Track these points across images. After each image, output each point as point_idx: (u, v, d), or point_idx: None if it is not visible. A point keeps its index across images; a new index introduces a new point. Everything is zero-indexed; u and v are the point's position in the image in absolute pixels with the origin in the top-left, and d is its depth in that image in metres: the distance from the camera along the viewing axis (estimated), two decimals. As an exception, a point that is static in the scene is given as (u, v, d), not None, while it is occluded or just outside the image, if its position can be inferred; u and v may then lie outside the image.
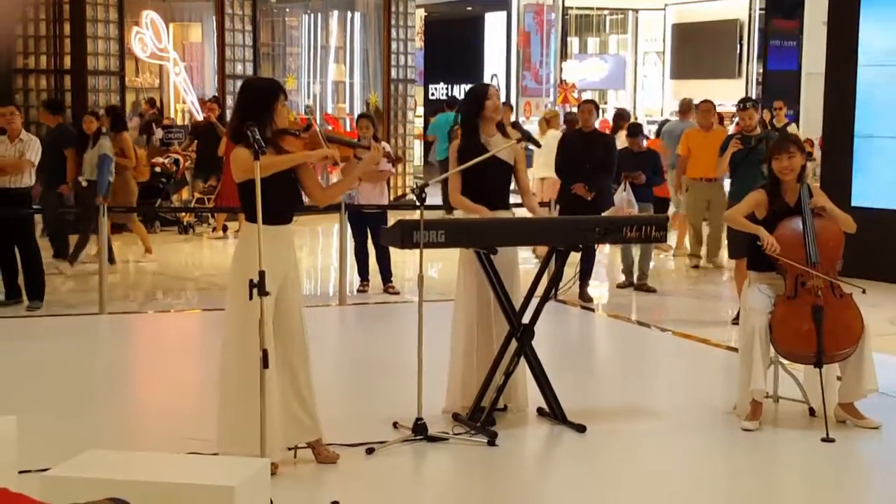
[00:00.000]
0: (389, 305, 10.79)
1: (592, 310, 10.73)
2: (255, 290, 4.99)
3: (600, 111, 29.15)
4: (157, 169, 16.28)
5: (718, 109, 23.43)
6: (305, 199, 6.06)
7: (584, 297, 10.92)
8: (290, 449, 5.81)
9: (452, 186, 6.81)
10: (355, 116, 18.31)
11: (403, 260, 12.13)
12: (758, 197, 6.79)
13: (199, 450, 5.76)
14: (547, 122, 15.94)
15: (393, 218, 8.46)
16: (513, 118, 22.90)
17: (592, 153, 10.64)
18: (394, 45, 19.64)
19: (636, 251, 11.65)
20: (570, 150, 10.89)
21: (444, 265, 12.31)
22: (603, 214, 11.12)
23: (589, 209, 10.29)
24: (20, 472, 4.94)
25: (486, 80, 25.83)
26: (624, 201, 11.15)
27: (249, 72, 17.63)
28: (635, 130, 12.08)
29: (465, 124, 6.92)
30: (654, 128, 18.95)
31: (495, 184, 6.82)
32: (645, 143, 12.59)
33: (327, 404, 6.07)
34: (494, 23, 26.76)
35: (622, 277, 11.75)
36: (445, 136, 21.35)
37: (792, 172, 6.64)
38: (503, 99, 8.45)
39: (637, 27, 29.97)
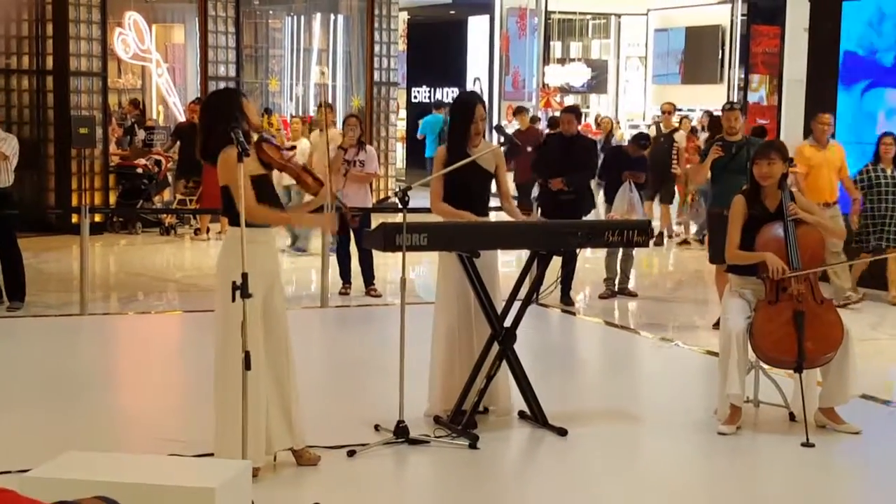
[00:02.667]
0: (371, 308, 10.79)
1: (574, 313, 10.75)
2: (237, 293, 4.99)
3: (583, 116, 29.20)
4: (140, 170, 16.26)
5: (700, 114, 23.51)
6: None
7: (566, 301, 10.94)
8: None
9: (434, 193, 6.82)
10: (339, 119, 18.36)
11: (385, 263, 12.13)
12: (738, 205, 6.80)
13: (180, 451, 5.75)
14: None
15: (376, 221, 8.46)
16: (495, 122, 22.96)
17: (572, 155, 10.69)
18: (377, 48, 19.63)
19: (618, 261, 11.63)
20: (550, 152, 10.94)
21: (427, 268, 12.31)
22: (609, 215, 11.19)
23: (570, 210, 10.32)
24: (0, 473, 4.93)
25: (469, 83, 25.85)
26: (627, 201, 11.15)
27: (232, 74, 17.59)
28: (640, 139, 12.17)
29: (452, 134, 6.91)
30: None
31: (477, 191, 6.85)
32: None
33: (309, 406, 6.06)
34: (477, 26, 26.78)
35: (603, 287, 11.69)
36: (436, 137, 21.57)
37: (771, 179, 6.66)
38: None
39: (619, 32, 30.06)
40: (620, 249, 11.24)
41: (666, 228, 16.25)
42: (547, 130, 17.23)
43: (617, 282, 11.56)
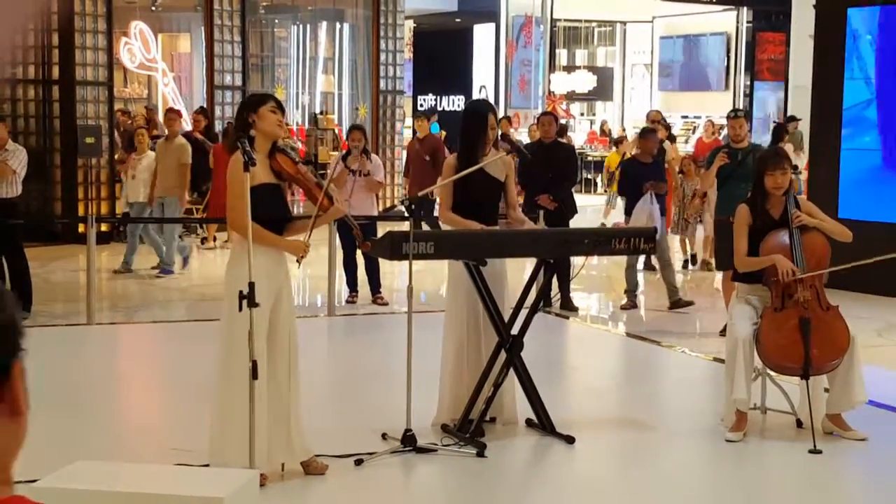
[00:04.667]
0: (378, 316, 10.80)
1: (581, 321, 10.74)
2: (244, 302, 5.01)
3: (590, 122, 29.17)
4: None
5: (706, 122, 23.51)
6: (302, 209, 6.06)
7: (569, 308, 10.92)
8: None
9: (443, 204, 6.84)
10: (344, 128, 18.38)
11: (392, 271, 12.14)
12: (743, 214, 6.79)
13: (188, 461, 5.76)
14: None
15: (382, 229, 8.46)
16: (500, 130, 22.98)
17: (554, 163, 10.71)
18: (382, 57, 19.67)
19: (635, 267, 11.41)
20: (532, 161, 10.86)
21: (433, 276, 12.32)
22: (629, 225, 11.05)
23: (556, 218, 10.38)
24: (8, 483, 4.93)
25: (475, 91, 25.87)
26: (646, 213, 10.80)
27: (238, 83, 17.63)
28: (649, 133, 11.93)
29: (464, 145, 6.86)
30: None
31: (487, 201, 6.84)
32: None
33: (316, 415, 6.07)
34: (483, 35, 26.82)
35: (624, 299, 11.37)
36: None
37: (783, 188, 6.68)
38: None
39: (625, 39, 30.10)
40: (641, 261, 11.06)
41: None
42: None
43: (668, 295, 11.21)
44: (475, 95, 25.82)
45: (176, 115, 13.95)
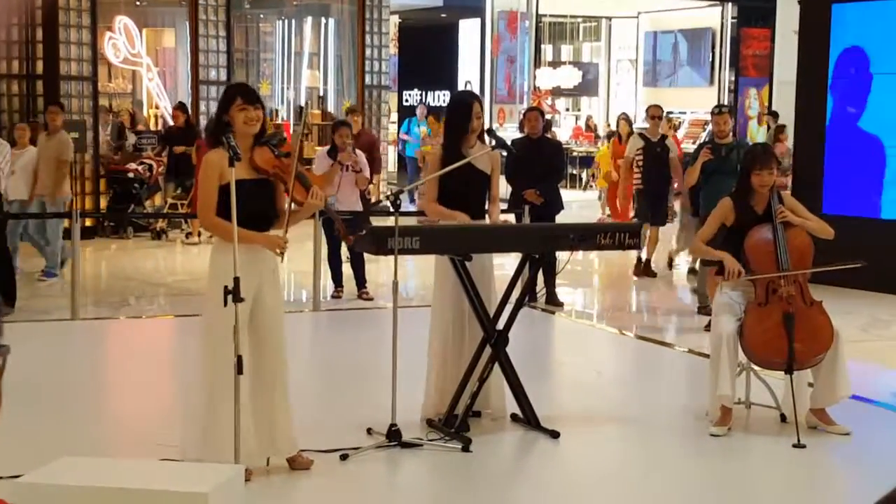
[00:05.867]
0: (364, 311, 10.79)
1: (552, 312, 10.75)
2: (229, 297, 5.00)
3: (575, 118, 29.19)
4: (131, 174, 16.24)
5: (691, 117, 23.56)
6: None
7: (554, 303, 10.94)
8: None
9: (429, 196, 6.82)
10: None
11: (378, 266, 12.13)
12: (725, 206, 6.83)
13: (172, 456, 5.74)
14: None
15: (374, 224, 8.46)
16: (486, 125, 22.98)
17: (541, 158, 10.73)
18: (368, 52, 19.64)
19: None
20: (519, 156, 10.86)
21: (419, 271, 12.32)
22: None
23: (542, 213, 10.40)
24: (-8, 479, 4.93)
25: (461, 86, 25.85)
26: None
27: (223, 77, 17.59)
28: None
29: (449, 135, 6.90)
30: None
31: (473, 194, 6.83)
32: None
33: (301, 410, 6.07)
34: (468, 30, 26.78)
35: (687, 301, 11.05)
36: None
37: (769, 186, 6.70)
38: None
39: (610, 35, 30.11)
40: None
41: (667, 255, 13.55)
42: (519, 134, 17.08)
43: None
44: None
45: (57, 109, 12.90)
